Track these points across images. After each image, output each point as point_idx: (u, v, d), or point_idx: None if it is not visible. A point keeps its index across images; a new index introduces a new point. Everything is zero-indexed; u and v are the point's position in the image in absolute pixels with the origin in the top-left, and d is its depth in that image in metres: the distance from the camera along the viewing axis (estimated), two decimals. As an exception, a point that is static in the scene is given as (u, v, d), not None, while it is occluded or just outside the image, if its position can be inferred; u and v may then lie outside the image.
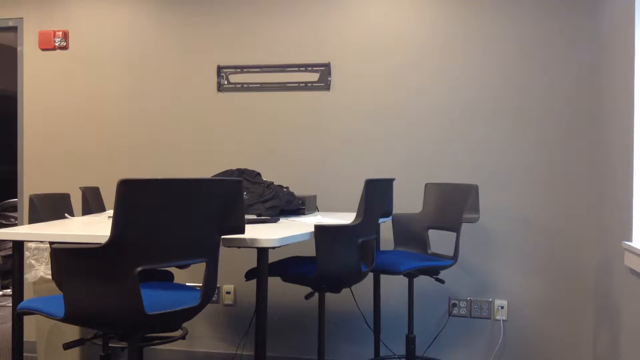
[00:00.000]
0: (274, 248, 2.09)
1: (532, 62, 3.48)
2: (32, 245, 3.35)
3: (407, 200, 3.53)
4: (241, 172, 3.18)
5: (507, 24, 3.51)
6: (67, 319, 1.81)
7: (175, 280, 3.01)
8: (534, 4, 3.47)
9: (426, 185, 3.28)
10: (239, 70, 3.78)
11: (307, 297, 2.56)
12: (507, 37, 3.49)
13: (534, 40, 3.47)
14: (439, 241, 3.38)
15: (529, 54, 3.47)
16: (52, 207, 2.84)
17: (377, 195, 2.61)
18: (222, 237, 2.02)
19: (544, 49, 3.46)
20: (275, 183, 3.18)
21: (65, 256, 1.78)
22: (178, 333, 2.39)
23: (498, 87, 3.51)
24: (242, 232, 2.02)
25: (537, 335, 3.45)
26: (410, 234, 3.24)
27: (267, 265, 2.14)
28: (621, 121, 2.88)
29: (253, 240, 2.05)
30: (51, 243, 2.49)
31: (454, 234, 3.01)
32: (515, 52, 3.49)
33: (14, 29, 4.06)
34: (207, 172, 3.74)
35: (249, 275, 2.59)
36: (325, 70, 3.68)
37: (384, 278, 3.44)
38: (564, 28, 3.45)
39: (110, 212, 3.02)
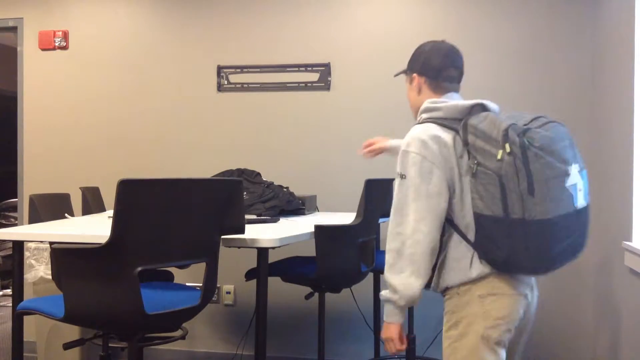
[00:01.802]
0: (274, 248, 2.09)
1: (531, 62, 3.48)
2: (32, 245, 3.34)
3: (407, 200, 3.52)
4: (241, 172, 3.18)
5: (506, 24, 3.51)
6: (67, 319, 1.81)
7: (175, 280, 3.01)
8: (533, 5, 3.47)
9: (426, 185, 3.27)
10: (239, 70, 3.78)
11: (307, 297, 2.56)
12: (507, 37, 3.50)
13: (534, 41, 3.47)
14: (439, 241, 3.38)
15: (528, 53, 3.47)
16: (52, 207, 2.84)
17: (377, 195, 2.61)
18: (222, 237, 2.02)
19: (544, 49, 3.46)
20: (275, 183, 3.18)
21: (65, 256, 1.78)
22: (178, 333, 2.39)
23: (497, 87, 3.51)
24: (242, 232, 2.03)
25: (537, 334, 3.45)
26: (410, 234, 3.23)
27: (267, 265, 2.14)
28: (621, 121, 2.88)
29: (253, 240, 2.05)
30: (51, 243, 2.49)
31: (454, 234, 3.01)
32: (515, 52, 3.49)
33: (14, 29, 4.06)
34: (207, 172, 3.74)
35: (249, 275, 2.59)
36: (325, 70, 3.67)
37: (384, 278, 3.44)
38: (563, 28, 3.45)
39: (110, 212, 3.02)
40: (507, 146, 1.60)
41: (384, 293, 1.81)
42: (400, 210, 1.76)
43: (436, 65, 1.93)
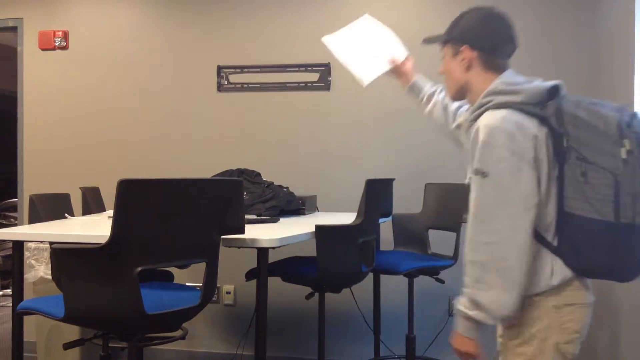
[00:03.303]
0: (274, 248, 2.09)
1: (531, 62, 3.47)
2: (32, 245, 3.34)
3: (407, 200, 3.52)
4: (241, 172, 3.18)
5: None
6: (67, 319, 1.81)
7: (175, 280, 3.01)
8: (534, 4, 3.47)
9: (426, 185, 3.27)
10: (239, 70, 3.78)
11: (308, 297, 2.56)
12: (507, 37, 3.49)
13: (534, 40, 3.47)
14: (439, 241, 3.37)
15: (528, 53, 3.47)
16: (52, 207, 2.84)
17: (377, 195, 2.61)
18: (222, 237, 2.02)
19: (544, 48, 3.46)
20: (275, 183, 3.17)
21: (65, 256, 1.78)
22: (178, 333, 2.39)
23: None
24: (242, 232, 2.02)
25: (537, 335, 3.45)
26: (410, 234, 3.23)
27: (267, 265, 2.14)
28: (621, 121, 2.87)
29: (253, 240, 2.05)
30: (51, 243, 2.49)
31: (454, 234, 3.01)
32: (515, 52, 3.48)
33: (14, 29, 4.06)
34: (207, 172, 3.73)
35: (249, 275, 2.59)
36: (325, 70, 3.67)
37: (384, 278, 3.44)
38: (563, 28, 3.45)
39: (110, 212, 3.02)
40: (627, 143, 1.42)
41: (464, 308, 1.57)
42: (486, 216, 1.52)
43: (493, 39, 1.67)
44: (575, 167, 1.46)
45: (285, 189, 3.14)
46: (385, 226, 3.46)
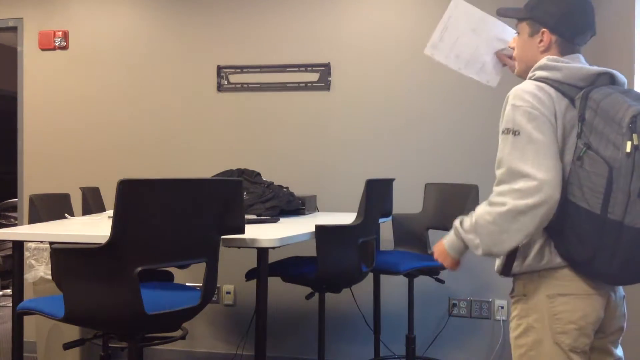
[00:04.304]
0: (274, 248, 2.09)
1: (532, 62, 3.47)
2: (32, 245, 3.34)
3: (407, 200, 3.52)
4: (241, 172, 3.18)
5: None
6: (67, 319, 1.81)
7: (175, 280, 3.01)
8: (534, 4, 3.47)
9: (426, 185, 3.27)
10: (239, 70, 3.78)
11: (308, 297, 2.56)
12: (507, 37, 3.49)
13: (534, 40, 3.46)
14: (439, 241, 3.38)
15: (529, 54, 3.47)
16: (52, 207, 2.84)
17: (377, 195, 2.61)
18: (222, 237, 2.02)
19: (544, 49, 3.46)
20: (275, 183, 3.18)
21: (65, 256, 1.78)
22: (178, 333, 2.39)
23: (498, 87, 3.50)
24: (242, 232, 2.03)
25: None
26: (410, 234, 3.23)
27: (267, 265, 2.14)
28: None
29: (253, 240, 2.05)
30: (51, 243, 2.49)
31: (454, 234, 3.01)
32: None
33: (14, 29, 4.06)
34: (207, 172, 3.74)
35: (249, 275, 2.59)
36: (325, 70, 3.67)
37: (384, 278, 3.44)
38: (564, 28, 3.44)
39: (110, 212, 3.01)
40: (636, 138, 1.36)
41: (461, 228, 1.65)
42: (520, 169, 1.48)
43: (575, 26, 1.63)
44: (578, 151, 1.47)
45: (285, 189, 3.14)
46: (385, 226, 3.46)
